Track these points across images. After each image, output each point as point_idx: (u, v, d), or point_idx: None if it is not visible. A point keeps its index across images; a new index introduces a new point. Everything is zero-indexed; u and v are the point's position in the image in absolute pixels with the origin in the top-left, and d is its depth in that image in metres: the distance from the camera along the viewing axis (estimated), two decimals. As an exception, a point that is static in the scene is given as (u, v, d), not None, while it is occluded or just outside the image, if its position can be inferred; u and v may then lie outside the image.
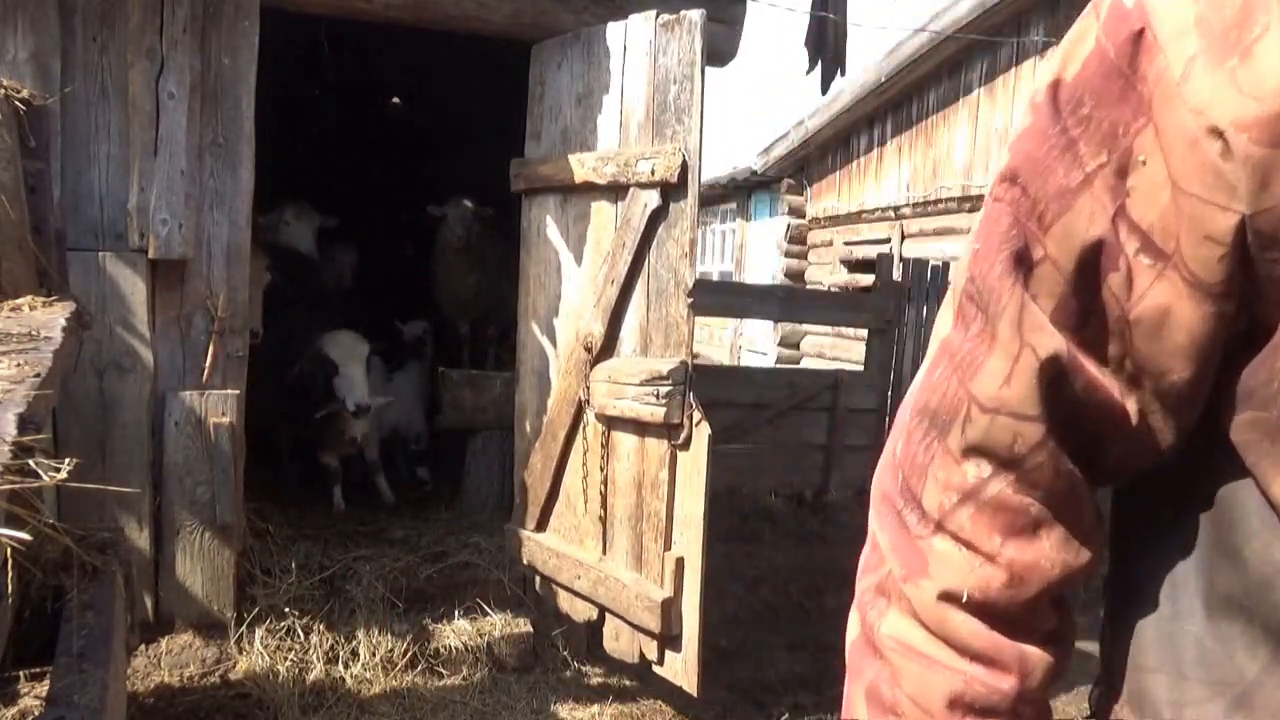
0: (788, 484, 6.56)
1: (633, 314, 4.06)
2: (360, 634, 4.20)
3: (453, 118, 7.93)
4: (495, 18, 4.32)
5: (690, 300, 3.82)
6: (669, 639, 3.86)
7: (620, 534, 4.12)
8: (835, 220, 11.91)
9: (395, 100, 9.01)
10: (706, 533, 3.76)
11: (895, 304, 6.64)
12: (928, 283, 6.95)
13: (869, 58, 10.02)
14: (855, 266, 11.06)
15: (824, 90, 5.94)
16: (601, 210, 4.18)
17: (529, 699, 4.18)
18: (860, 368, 6.87)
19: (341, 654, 4.13)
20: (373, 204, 7.92)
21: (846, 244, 11.47)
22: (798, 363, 11.91)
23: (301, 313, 5.34)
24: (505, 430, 4.97)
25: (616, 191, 4.07)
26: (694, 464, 3.80)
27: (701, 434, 3.77)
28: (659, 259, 3.95)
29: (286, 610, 4.20)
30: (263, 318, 4.78)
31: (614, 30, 4.09)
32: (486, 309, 6.56)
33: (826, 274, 11.87)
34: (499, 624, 4.46)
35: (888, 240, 10.42)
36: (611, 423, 4.12)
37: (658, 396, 3.80)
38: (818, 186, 12.36)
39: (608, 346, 4.13)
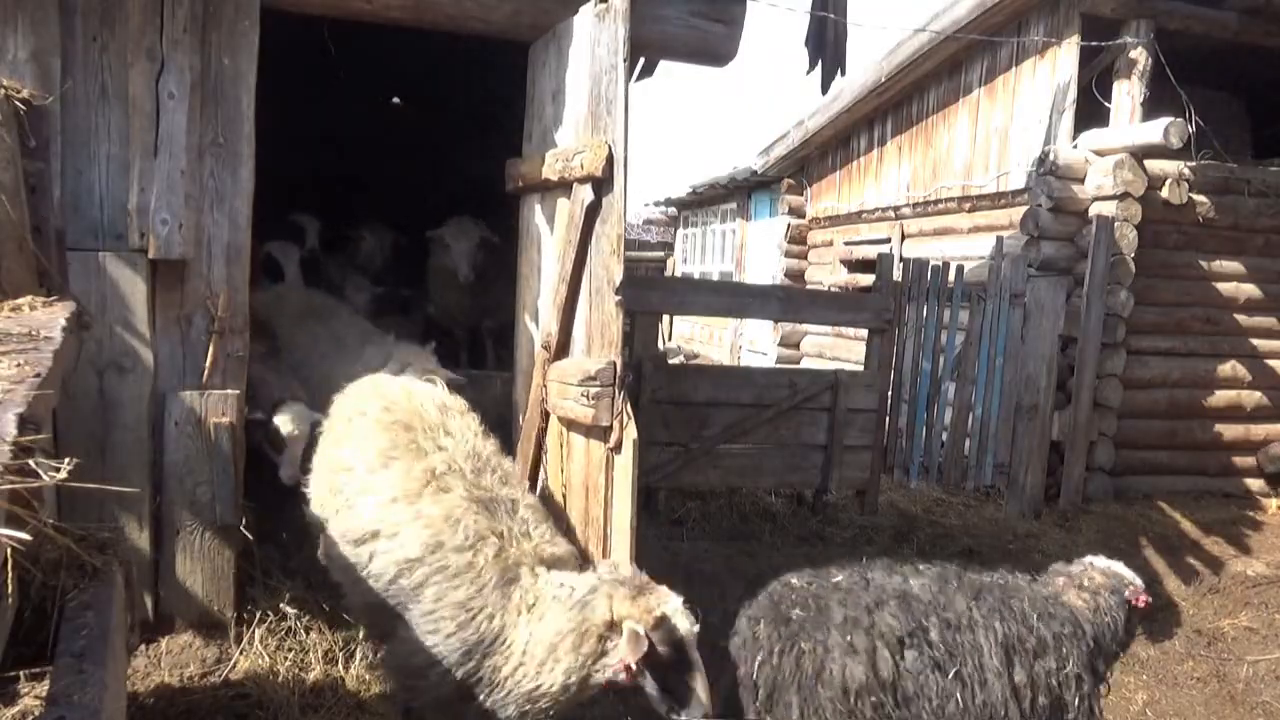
0: (788, 484, 6.56)
1: (581, 313, 3.96)
2: (360, 634, 4.20)
3: (454, 117, 7.94)
4: (495, 18, 4.31)
5: (619, 298, 3.67)
6: None
7: (576, 539, 3.98)
8: (835, 220, 11.91)
9: (395, 100, 9.00)
10: (635, 542, 3.62)
11: (895, 304, 6.64)
12: (928, 282, 6.95)
13: (869, 58, 10.02)
14: (855, 266, 11.05)
15: (824, 90, 5.94)
16: (562, 208, 4.08)
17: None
18: (860, 368, 6.87)
19: (341, 654, 4.12)
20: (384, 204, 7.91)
21: (846, 244, 11.47)
22: (798, 363, 11.91)
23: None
24: (506, 431, 4.97)
25: (566, 188, 3.97)
26: (623, 469, 3.67)
27: (629, 437, 3.64)
28: (596, 256, 3.83)
29: (286, 610, 4.21)
30: None
31: (574, 23, 3.99)
32: (480, 313, 6.53)
33: (826, 274, 11.87)
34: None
35: (888, 240, 10.41)
36: (570, 425, 4.01)
37: (588, 397, 3.70)
38: (818, 186, 12.35)
39: (563, 346, 4.06)
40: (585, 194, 3.79)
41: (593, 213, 3.80)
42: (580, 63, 3.91)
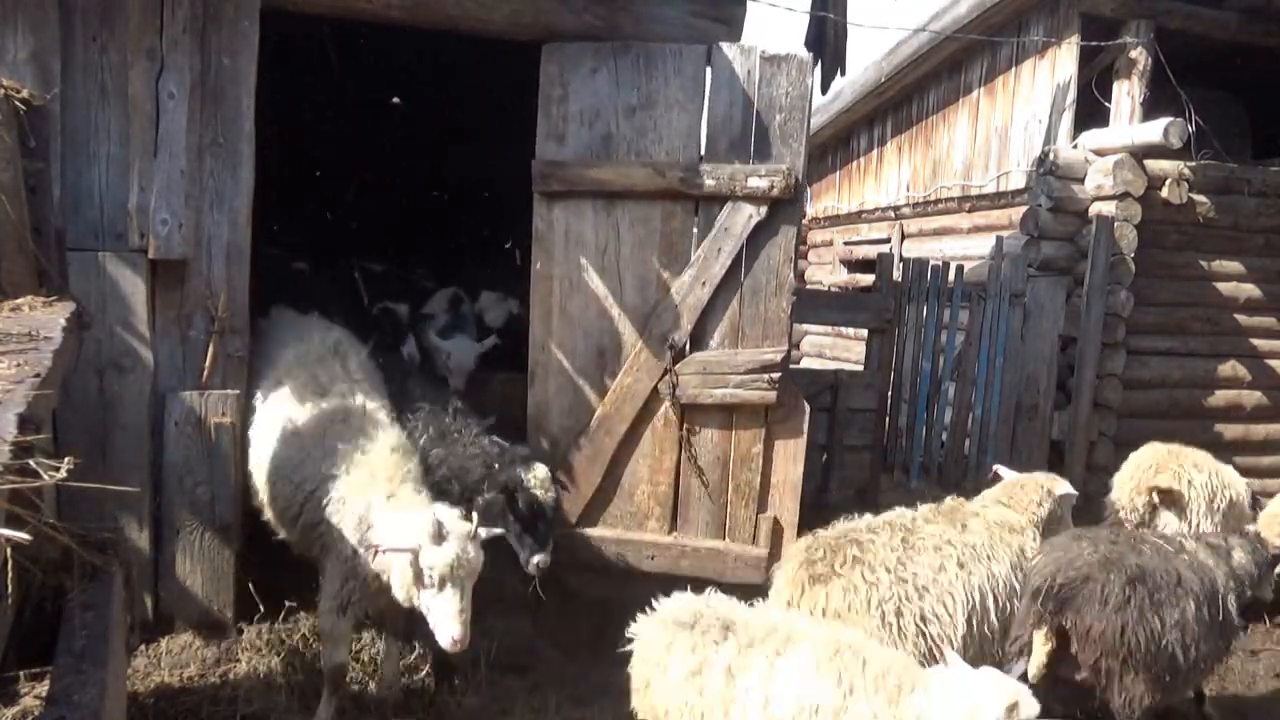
0: (788, 484, 6.54)
1: (723, 312, 4.61)
2: (360, 634, 4.20)
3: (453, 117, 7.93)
4: (495, 18, 4.32)
5: (794, 298, 4.73)
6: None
7: (698, 510, 4.78)
8: (835, 220, 11.91)
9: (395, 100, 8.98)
10: (797, 496, 4.77)
11: (895, 304, 6.63)
12: (928, 282, 6.94)
13: (869, 58, 10.01)
14: (855, 266, 11.05)
15: (824, 90, 5.94)
16: (676, 217, 4.56)
17: (529, 699, 4.17)
18: (860, 368, 6.86)
19: (341, 654, 4.12)
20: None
21: (846, 244, 11.47)
22: (798, 363, 11.91)
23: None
24: (504, 430, 4.95)
25: (700, 201, 4.54)
26: (794, 439, 4.75)
27: (805, 411, 4.75)
28: (758, 263, 4.56)
29: (286, 610, 4.20)
30: None
31: (693, 52, 4.46)
32: None
33: (826, 274, 11.87)
34: (499, 624, 4.45)
35: (888, 240, 10.41)
36: (693, 410, 4.65)
37: (770, 382, 4.59)
38: (818, 186, 12.35)
39: (695, 342, 4.62)
40: (752, 210, 4.50)
41: (761, 227, 4.50)
42: (733, 95, 4.48)
